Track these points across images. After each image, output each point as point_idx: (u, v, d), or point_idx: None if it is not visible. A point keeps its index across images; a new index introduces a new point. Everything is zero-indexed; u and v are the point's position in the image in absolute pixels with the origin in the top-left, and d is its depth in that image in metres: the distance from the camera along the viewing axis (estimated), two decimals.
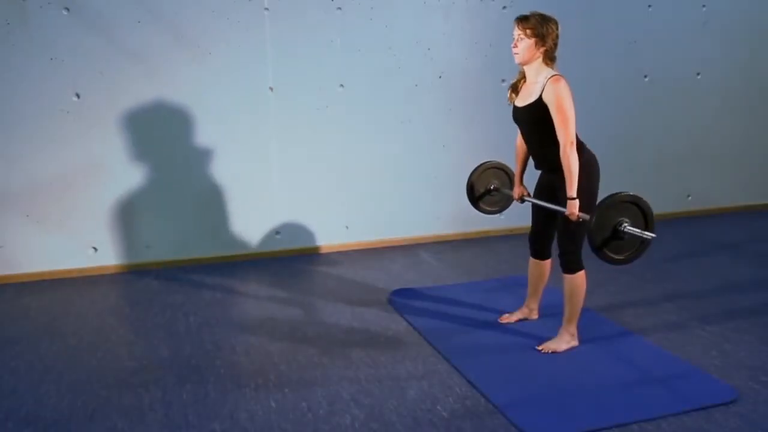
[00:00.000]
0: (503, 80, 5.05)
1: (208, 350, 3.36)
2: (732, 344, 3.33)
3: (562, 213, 3.07)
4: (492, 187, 3.69)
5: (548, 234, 3.41)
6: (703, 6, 5.55)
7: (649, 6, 5.41)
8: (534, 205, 3.42)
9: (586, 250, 3.28)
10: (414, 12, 4.87)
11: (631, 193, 2.84)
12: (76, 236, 4.49)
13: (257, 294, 4.17)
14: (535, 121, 3.10)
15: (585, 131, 5.44)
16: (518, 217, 4.78)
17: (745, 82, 5.84)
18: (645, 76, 5.53)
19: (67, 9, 4.21)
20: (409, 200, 5.14)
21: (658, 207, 5.70)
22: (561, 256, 3.20)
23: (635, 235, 2.80)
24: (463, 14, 4.98)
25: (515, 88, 3.24)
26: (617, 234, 2.81)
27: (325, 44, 4.73)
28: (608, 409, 2.72)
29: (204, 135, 4.60)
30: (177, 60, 4.45)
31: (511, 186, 3.63)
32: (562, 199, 3.10)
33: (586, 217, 2.92)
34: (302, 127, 4.79)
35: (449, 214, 5.18)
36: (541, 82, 3.06)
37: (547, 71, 3.07)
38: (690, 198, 5.93)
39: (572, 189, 2.99)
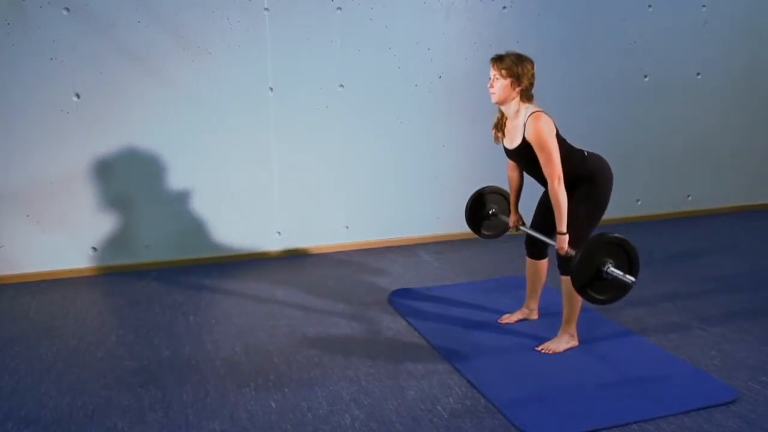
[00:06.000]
0: None
1: (208, 350, 3.36)
2: (732, 344, 3.33)
3: (553, 245, 3.11)
4: (491, 212, 3.74)
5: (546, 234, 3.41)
6: (703, 6, 5.55)
7: (649, 6, 5.41)
8: (538, 206, 3.44)
9: None
10: (414, 12, 4.87)
11: (618, 235, 2.83)
12: (76, 236, 4.49)
13: (257, 294, 4.17)
14: (529, 161, 3.12)
15: (585, 131, 5.48)
16: None
17: (745, 82, 5.84)
18: (645, 76, 5.53)
19: (67, 9, 4.21)
20: (409, 200, 5.14)
21: (658, 207, 5.84)
22: (558, 257, 3.21)
23: (618, 278, 2.81)
24: (463, 14, 4.98)
25: (498, 127, 3.25)
26: (600, 274, 2.83)
27: (325, 44, 4.72)
28: (608, 409, 2.72)
29: (204, 135, 4.60)
30: (177, 60, 4.45)
31: (508, 212, 3.67)
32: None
33: (573, 253, 2.93)
34: (302, 127, 4.79)
35: (449, 214, 5.18)
36: (521, 121, 3.08)
37: (527, 109, 3.09)
38: (690, 198, 5.93)
39: (562, 224, 3.03)
